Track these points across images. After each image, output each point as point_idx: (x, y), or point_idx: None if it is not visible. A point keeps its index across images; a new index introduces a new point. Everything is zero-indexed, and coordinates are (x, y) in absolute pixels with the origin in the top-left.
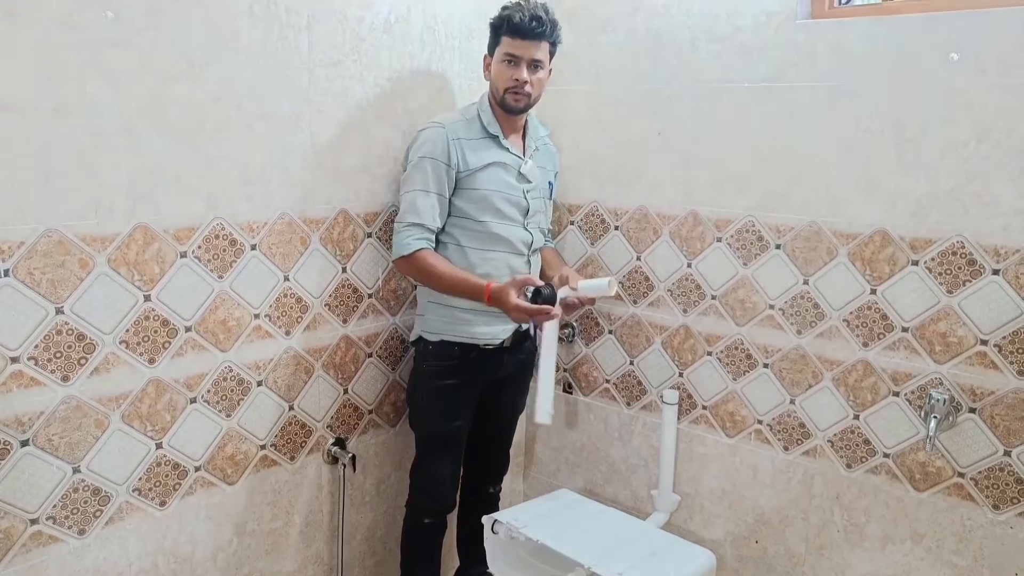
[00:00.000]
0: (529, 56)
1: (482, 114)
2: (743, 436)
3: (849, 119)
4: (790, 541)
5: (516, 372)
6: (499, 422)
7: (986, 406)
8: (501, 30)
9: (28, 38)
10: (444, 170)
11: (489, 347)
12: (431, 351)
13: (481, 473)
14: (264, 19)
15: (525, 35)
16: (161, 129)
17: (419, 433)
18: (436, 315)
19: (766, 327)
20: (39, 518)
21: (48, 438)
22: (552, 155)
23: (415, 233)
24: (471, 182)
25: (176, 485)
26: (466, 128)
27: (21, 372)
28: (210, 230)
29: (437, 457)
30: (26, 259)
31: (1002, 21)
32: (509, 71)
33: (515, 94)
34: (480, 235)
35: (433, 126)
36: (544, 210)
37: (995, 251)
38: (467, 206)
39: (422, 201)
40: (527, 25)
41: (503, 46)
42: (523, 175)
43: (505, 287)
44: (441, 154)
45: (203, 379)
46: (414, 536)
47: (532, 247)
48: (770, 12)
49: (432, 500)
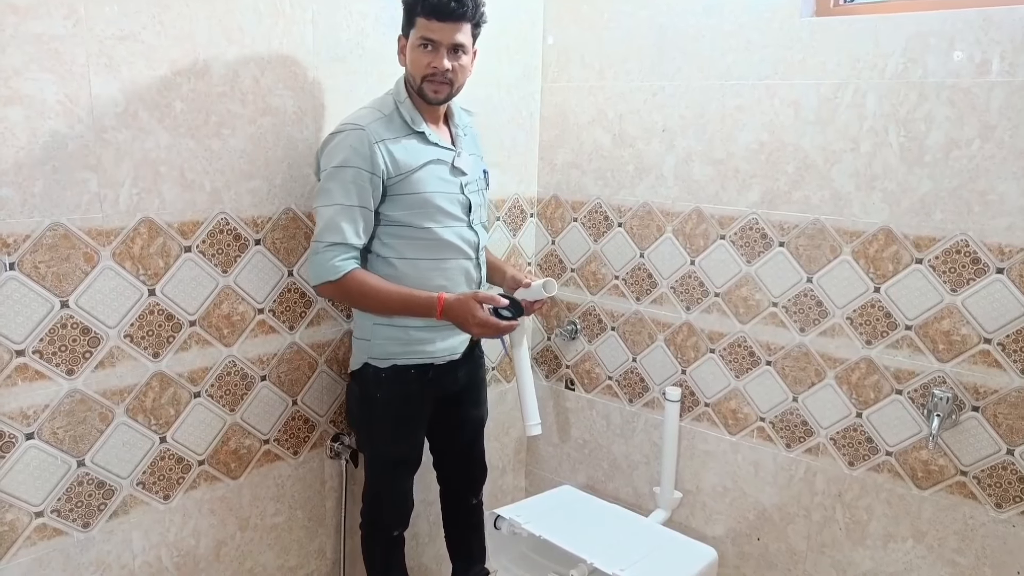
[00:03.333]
0: (449, 40)
1: (400, 107)
2: (745, 433)
3: (853, 117)
4: (792, 538)
5: (470, 383)
6: (466, 437)
7: (989, 405)
8: (415, 10)
9: (34, 31)
10: (367, 179)
11: (444, 363)
12: (384, 379)
13: (460, 488)
14: (269, 14)
15: (444, 16)
16: (166, 123)
17: (374, 458)
18: (385, 338)
19: (769, 325)
20: (44, 511)
21: (53, 431)
22: (476, 139)
23: (340, 253)
24: (405, 187)
25: (180, 479)
26: (387, 126)
27: (26, 365)
28: (214, 224)
29: (400, 476)
30: (31, 253)
31: (1006, 19)
32: (426, 57)
33: (435, 83)
34: (426, 243)
35: (350, 128)
36: (484, 204)
37: (999, 249)
38: (404, 214)
39: (343, 216)
40: (446, 5)
41: (418, 28)
42: (457, 168)
43: (465, 300)
44: (363, 161)
45: (207, 373)
46: (384, 550)
47: (479, 247)
48: (774, 9)
49: (401, 513)
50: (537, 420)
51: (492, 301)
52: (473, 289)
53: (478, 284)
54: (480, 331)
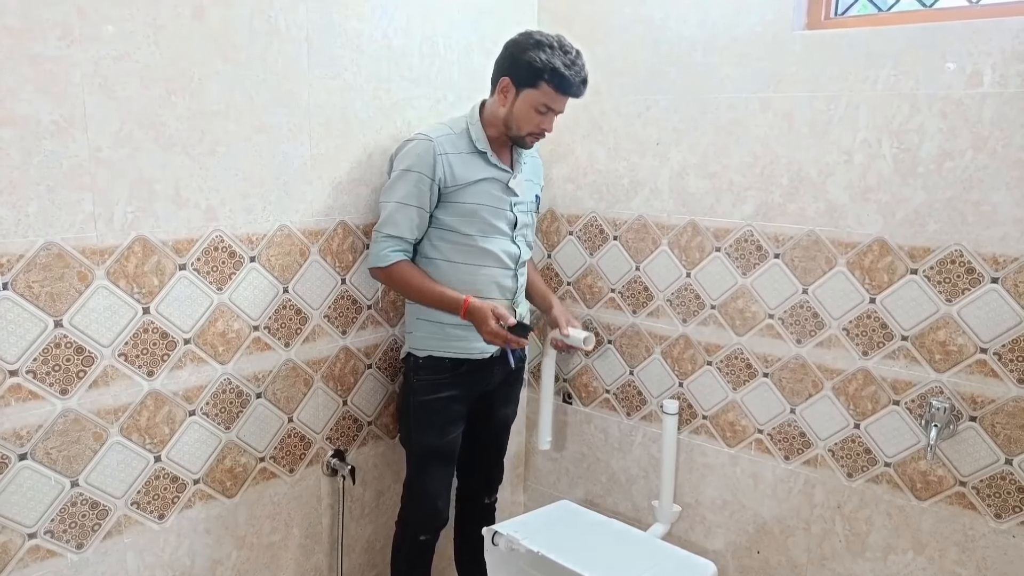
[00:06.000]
0: (562, 109)
1: (471, 129)
2: (744, 446)
3: (846, 129)
4: (791, 551)
5: (504, 382)
6: (492, 433)
7: (987, 414)
8: (544, 76)
9: (29, 53)
10: (428, 184)
11: (479, 360)
12: (421, 366)
13: (477, 485)
14: (264, 32)
15: (570, 94)
16: (161, 141)
17: (412, 450)
18: (425, 331)
19: (766, 336)
20: (37, 532)
21: (46, 452)
22: (538, 167)
23: (393, 245)
24: (458, 196)
25: (175, 498)
26: (454, 142)
27: (20, 386)
28: (209, 242)
29: (432, 472)
30: (25, 272)
31: (997, 30)
32: (539, 119)
33: (535, 137)
34: (469, 249)
35: (421, 138)
36: (531, 223)
37: (994, 259)
38: (454, 220)
39: (401, 213)
40: (576, 87)
41: (542, 94)
42: (511, 189)
43: (484, 309)
44: (426, 167)
45: (202, 391)
46: (409, 554)
47: (520, 260)
48: (767, 22)
49: (429, 517)
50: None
51: (504, 319)
52: (506, 297)
53: (513, 293)
54: (489, 338)
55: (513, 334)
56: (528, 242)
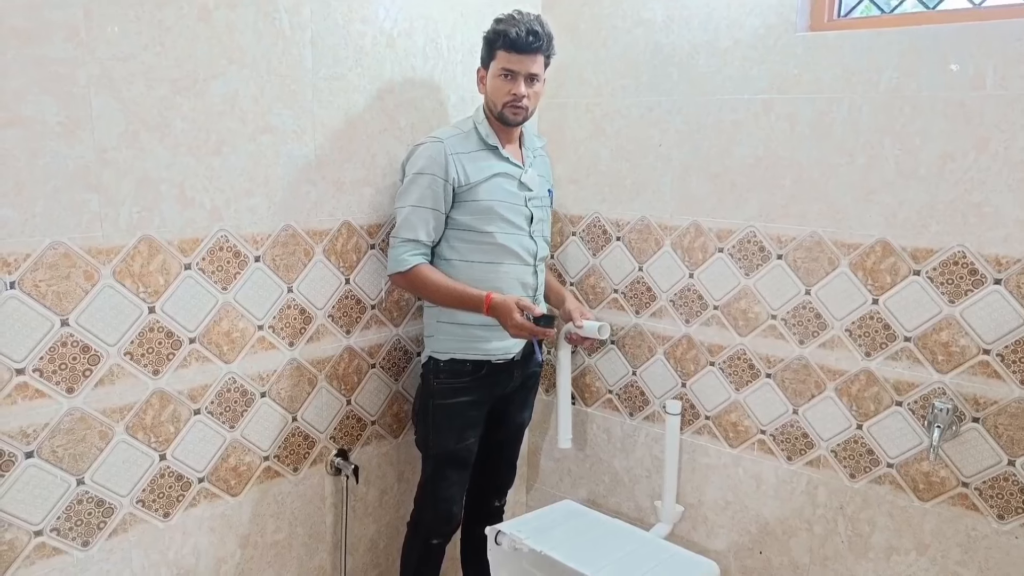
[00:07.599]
0: (526, 70)
1: (479, 126)
2: (746, 446)
3: (849, 130)
4: (794, 552)
5: (522, 387)
6: (506, 436)
7: (989, 415)
8: (496, 44)
9: (35, 55)
10: (441, 185)
11: (501, 362)
12: (443, 369)
13: (487, 487)
14: (268, 33)
15: (521, 49)
16: (166, 142)
17: (428, 453)
18: (447, 334)
19: (768, 337)
20: (43, 530)
21: (52, 450)
22: (547, 164)
23: (411, 249)
24: (473, 194)
25: (180, 497)
26: (464, 141)
27: (26, 384)
28: (214, 242)
29: (448, 477)
30: (32, 271)
31: (999, 32)
32: (507, 86)
33: (514, 108)
34: (488, 247)
35: (431, 141)
36: (546, 219)
37: (996, 261)
38: (471, 219)
39: (417, 216)
40: (524, 40)
41: (499, 60)
42: (524, 184)
43: (508, 302)
44: (439, 169)
45: (207, 390)
46: (420, 557)
47: (538, 256)
48: (769, 25)
49: (442, 521)
50: (571, 434)
51: (530, 309)
52: (528, 294)
53: (534, 290)
54: (515, 331)
55: (539, 326)
56: (545, 238)
